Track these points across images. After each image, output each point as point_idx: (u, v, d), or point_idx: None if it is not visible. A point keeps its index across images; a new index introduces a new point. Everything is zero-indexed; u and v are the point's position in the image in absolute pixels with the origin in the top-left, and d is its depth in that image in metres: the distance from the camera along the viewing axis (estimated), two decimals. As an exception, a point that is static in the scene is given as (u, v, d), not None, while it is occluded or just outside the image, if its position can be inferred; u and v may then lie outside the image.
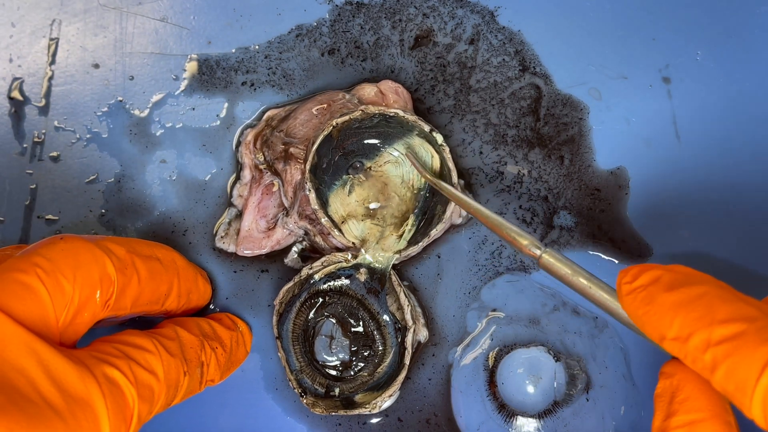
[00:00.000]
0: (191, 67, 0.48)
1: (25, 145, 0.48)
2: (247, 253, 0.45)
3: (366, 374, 0.44)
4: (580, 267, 0.34)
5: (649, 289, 0.31)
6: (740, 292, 0.30)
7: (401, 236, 0.44)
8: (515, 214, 0.46)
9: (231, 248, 0.46)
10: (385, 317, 0.44)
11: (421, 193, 0.44)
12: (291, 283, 0.43)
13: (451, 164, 0.43)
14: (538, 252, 0.35)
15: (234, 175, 0.47)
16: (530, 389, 0.44)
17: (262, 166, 0.45)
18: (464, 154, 0.46)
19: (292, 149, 0.44)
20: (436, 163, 0.44)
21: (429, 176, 0.42)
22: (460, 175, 0.45)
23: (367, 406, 0.42)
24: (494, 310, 0.45)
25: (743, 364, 0.26)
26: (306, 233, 0.45)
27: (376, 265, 0.43)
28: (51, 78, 0.48)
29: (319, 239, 0.44)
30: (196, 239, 0.46)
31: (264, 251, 0.45)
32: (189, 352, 0.37)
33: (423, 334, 0.44)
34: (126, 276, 0.35)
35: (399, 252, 0.43)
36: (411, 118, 0.43)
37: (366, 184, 0.45)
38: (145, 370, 0.33)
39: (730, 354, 0.27)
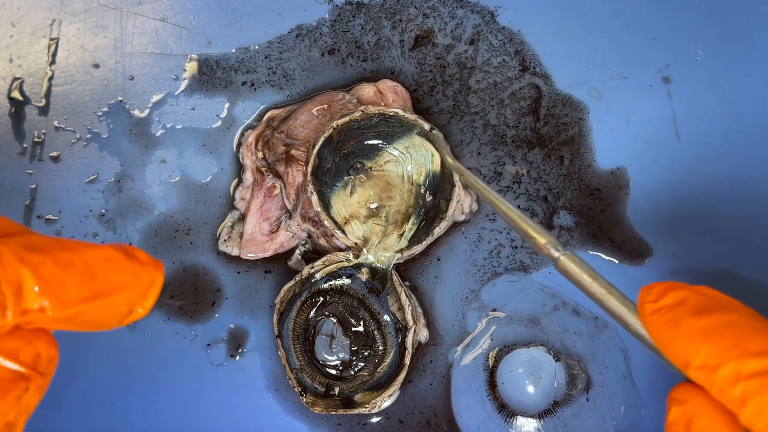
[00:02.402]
0: (191, 67, 0.48)
1: (25, 145, 0.48)
2: (251, 256, 0.45)
3: (366, 374, 0.44)
4: (599, 274, 0.32)
5: (675, 311, 0.29)
6: None
7: (402, 235, 0.44)
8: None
9: (234, 251, 0.46)
10: (386, 317, 0.44)
11: (422, 190, 0.44)
12: (292, 282, 0.43)
13: (451, 161, 0.43)
14: (556, 254, 0.33)
15: (236, 179, 0.47)
16: (530, 389, 0.44)
17: (263, 168, 0.45)
18: (462, 154, 0.46)
19: (293, 151, 0.44)
20: (437, 162, 0.44)
21: (451, 161, 0.41)
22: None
23: (366, 405, 0.42)
24: (494, 310, 0.45)
25: None
26: (309, 236, 0.45)
27: (378, 264, 0.43)
28: (51, 78, 0.48)
29: (322, 241, 0.44)
30: (198, 240, 0.46)
31: (267, 254, 0.45)
32: None
33: (423, 335, 0.44)
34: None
35: (401, 251, 0.43)
36: (411, 117, 0.43)
37: (367, 184, 0.45)
38: None
39: (762, 390, 0.26)
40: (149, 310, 0.30)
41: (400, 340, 0.43)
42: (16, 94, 0.48)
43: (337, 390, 0.43)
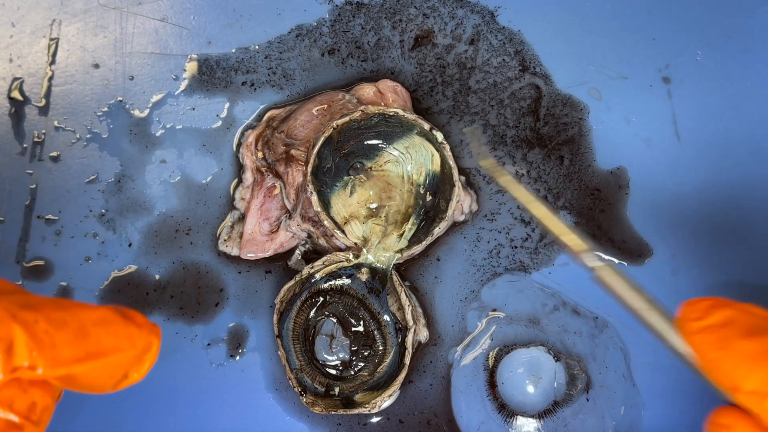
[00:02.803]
0: (191, 67, 0.48)
1: (25, 145, 0.48)
2: (251, 256, 0.45)
3: (366, 374, 0.44)
4: (640, 287, 0.31)
5: (723, 332, 0.28)
6: None
7: (402, 235, 0.44)
8: (512, 215, 0.46)
9: (234, 251, 0.46)
10: (386, 317, 0.44)
11: (422, 190, 0.44)
12: (292, 282, 0.43)
13: (451, 162, 0.43)
14: (595, 263, 0.32)
15: (236, 179, 0.47)
16: (530, 389, 0.44)
17: (263, 168, 0.45)
18: (461, 155, 0.46)
19: (293, 151, 0.44)
20: (437, 162, 0.44)
21: (487, 153, 0.40)
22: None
23: (366, 405, 0.42)
24: (494, 310, 0.45)
25: None
26: (309, 236, 0.45)
27: (378, 264, 0.43)
28: (51, 78, 0.48)
29: (322, 241, 0.44)
30: (198, 240, 0.46)
31: (267, 254, 0.45)
32: None
33: (423, 335, 0.44)
34: None
35: (401, 251, 0.43)
36: (410, 116, 0.43)
37: (367, 184, 0.45)
38: None
39: None
40: (145, 375, 0.30)
41: (400, 340, 0.43)
42: (16, 94, 0.48)
43: (337, 390, 0.43)
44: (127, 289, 0.46)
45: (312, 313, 0.44)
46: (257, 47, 0.48)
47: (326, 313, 0.44)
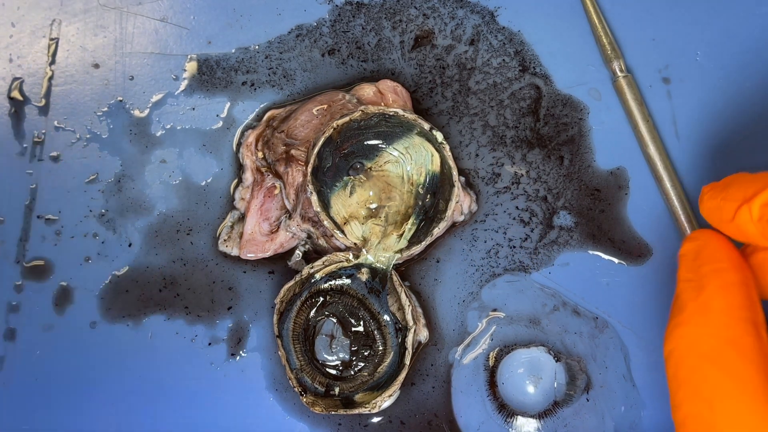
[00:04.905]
0: (191, 67, 0.48)
1: (25, 145, 0.48)
2: (251, 256, 0.45)
3: (366, 374, 0.44)
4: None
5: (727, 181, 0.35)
6: None
7: (402, 235, 0.44)
8: (511, 215, 0.46)
9: (234, 252, 0.46)
10: (386, 317, 0.44)
11: (421, 191, 0.44)
12: (292, 282, 0.44)
13: (451, 162, 0.43)
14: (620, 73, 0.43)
15: (236, 179, 0.47)
16: (530, 389, 0.44)
17: (263, 168, 0.45)
18: (461, 156, 0.46)
19: (293, 151, 0.44)
20: (437, 162, 0.44)
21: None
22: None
23: (367, 405, 0.42)
24: (494, 310, 0.45)
25: None
26: (309, 236, 0.45)
27: (378, 265, 0.43)
28: (51, 78, 0.48)
29: (322, 241, 0.44)
30: (199, 240, 0.46)
31: (267, 254, 0.45)
32: None
33: (423, 335, 0.44)
34: None
35: (401, 252, 0.43)
36: (410, 116, 0.43)
37: (367, 184, 0.45)
38: None
39: None
40: None
41: (400, 340, 0.43)
42: (16, 94, 0.48)
43: (337, 390, 0.43)
44: (128, 289, 0.46)
45: (312, 313, 0.44)
46: (257, 47, 0.48)
47: (326, 313, 0.44)
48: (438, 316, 0.45)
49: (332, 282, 0.44)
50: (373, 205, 0.45)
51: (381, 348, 0.44)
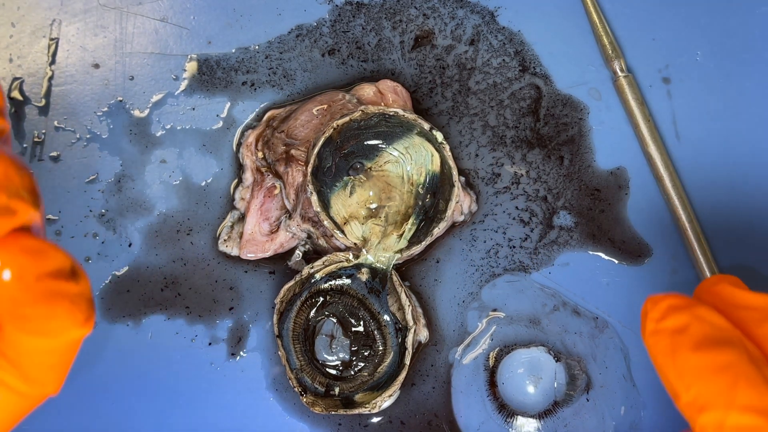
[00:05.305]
0: (191, 67, 0.48)
1: (25, 145, 0.48)
2: (251, 256, 0.45)
3: (366, 374, 0.44)
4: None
5: (675, 339, 0.29)
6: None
7: (402, 235, 0.44)
8: (510, 215, 0.46)
9: (234, 252, 0.46)
10: (386, 317, 0.44)
11: (421, 191, 0.44)
12: (292, 282, 0.44)
13: (451, 162, 0.43)
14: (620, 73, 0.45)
15: (236, 179, 0.47)
16: (530, 389, 0.44)
17: (263, 168, 0.45)
18: (461, 156, 0.46)
19: (293, 151, 0.44)
20: (437, 162, 0.44)
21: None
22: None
23: (367, 405, 0.42)
24: (494, 310, 0.45)
25: None
26: (309, 236, 0.45)
27: (378, 265, 0.43)
28: (51, 78, 0.48)
29: (322, 241, 0.44)
30: (199, 240, 0.46)
31: (267, 254, 0.45)
32: None
33: (423, 335, 0.44)
34: None
35: (401, 252, 0.43)
36: (410, 116, 0.43)
37: (367, 184, 0.45)
38: None
39: None
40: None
41: (400, 340, 0.43)
42: (16, 94, 0.48)
43: (337, 390, 0.43)
44: (128, 289, 0.46)
45: (312, 313, 0.44)
46: (257, 47, 0.48)
47: (326, 313, 0.44)
48: (438, 316, 0.45)
49: (332, 282, 0.44)
50: (373, 205, 0.45)
51: (381, 348, 0.44)
